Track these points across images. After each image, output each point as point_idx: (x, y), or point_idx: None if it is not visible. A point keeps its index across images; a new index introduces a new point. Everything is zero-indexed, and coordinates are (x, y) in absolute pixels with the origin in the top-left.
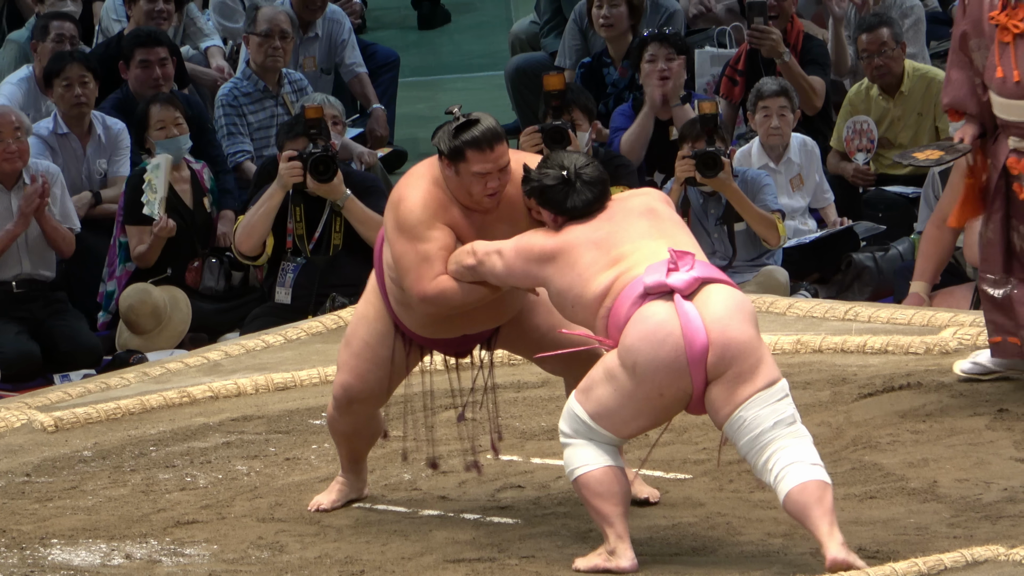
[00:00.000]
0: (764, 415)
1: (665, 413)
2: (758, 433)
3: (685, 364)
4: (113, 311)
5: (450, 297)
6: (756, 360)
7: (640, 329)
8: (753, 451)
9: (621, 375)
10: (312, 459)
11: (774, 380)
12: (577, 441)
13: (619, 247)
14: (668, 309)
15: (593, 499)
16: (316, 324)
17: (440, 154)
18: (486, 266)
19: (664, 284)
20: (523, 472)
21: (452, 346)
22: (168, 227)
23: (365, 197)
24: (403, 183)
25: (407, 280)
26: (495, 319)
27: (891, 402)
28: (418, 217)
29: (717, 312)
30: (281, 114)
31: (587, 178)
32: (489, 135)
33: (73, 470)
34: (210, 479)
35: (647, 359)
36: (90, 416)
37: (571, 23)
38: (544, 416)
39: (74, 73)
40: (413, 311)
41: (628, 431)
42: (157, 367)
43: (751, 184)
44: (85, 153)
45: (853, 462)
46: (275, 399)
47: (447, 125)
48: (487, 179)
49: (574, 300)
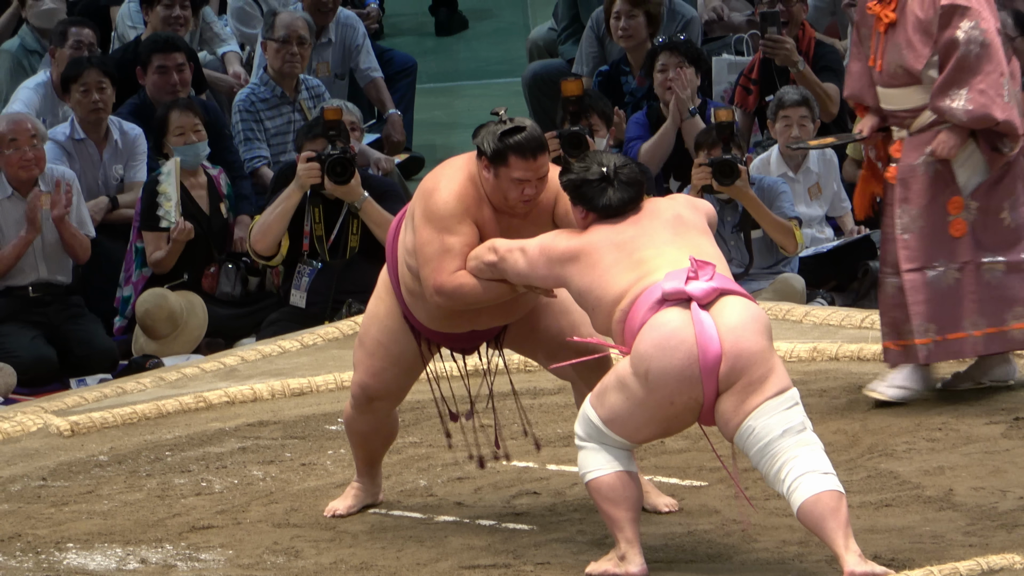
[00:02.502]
0: (773, 424)
1: (677, 422)
2: (767, 442)
3: (697, 373)
4: (129, 316)
5: (466, 293)
6: (767, 370)
7: (654, 336)
8: (764, 461)
9: (633, 382)
10: (328, 465)
11: (783, 388)
12: (590, 445)
13: (641, 251)
14: (683, 317)
15: (604, 504)
16: (332, 330)
17: (481, 154)
18: (508, 263)
19: (682, 291)
20: (539, 478)
21: (459, 341)
22: (186, 229)
23: (383, 201)
24: (439, 173)
25: (426, 269)
26: (504, 317)
27: (907, 410)
28: (451, 209)
29: (731, 322)
30: (298, 120)
31: (624, 178)
32: (534, 144)
33: (89, 474)
34: (226, 484)
35: (659, 366)
36: (106, 421)
37: (588, 30)
38: (560, 423)
39: (91, 78)
40: (425, 303)
41: (641, 437)
42: (173, 372)
43: (768, 191)
44: (102, 158)
45: (869, 470)
46: (291, 404)
47: (492, 126)
48: (525, 186)
49: (594, 302)
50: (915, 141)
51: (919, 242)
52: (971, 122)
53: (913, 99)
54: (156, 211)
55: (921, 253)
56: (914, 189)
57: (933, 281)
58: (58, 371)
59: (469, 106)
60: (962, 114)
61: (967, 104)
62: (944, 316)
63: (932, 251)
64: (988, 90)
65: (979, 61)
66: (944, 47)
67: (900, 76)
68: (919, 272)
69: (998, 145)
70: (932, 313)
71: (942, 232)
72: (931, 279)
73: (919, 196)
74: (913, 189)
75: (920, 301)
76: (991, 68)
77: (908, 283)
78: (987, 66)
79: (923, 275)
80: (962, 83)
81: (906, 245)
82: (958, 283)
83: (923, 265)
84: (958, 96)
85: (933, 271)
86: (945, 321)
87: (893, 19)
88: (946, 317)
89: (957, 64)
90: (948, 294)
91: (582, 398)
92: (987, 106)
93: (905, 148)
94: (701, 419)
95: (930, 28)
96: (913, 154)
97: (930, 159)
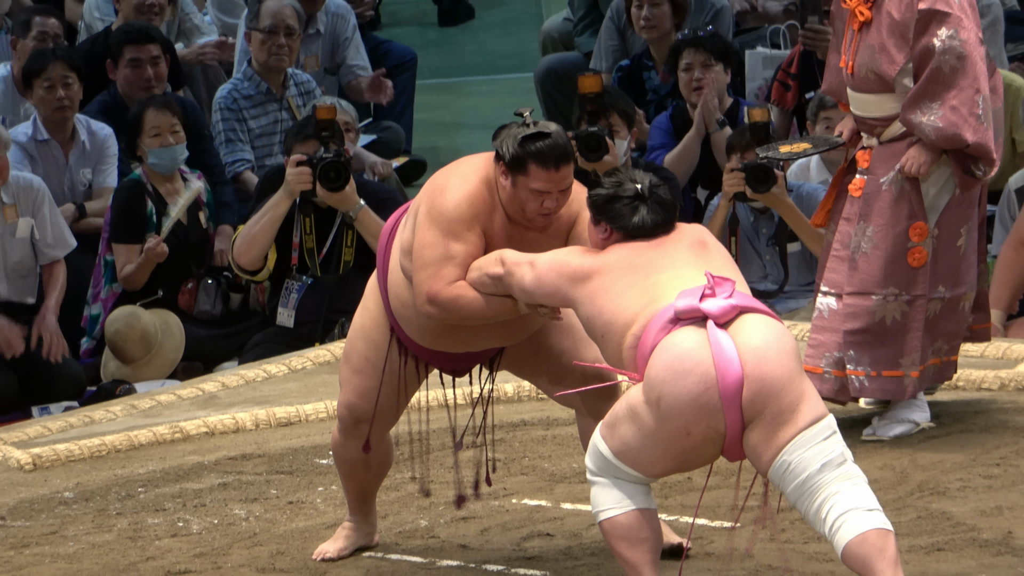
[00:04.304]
0: (810, 457)
1: (696, 455)
2: (805, 478)
3: (716, 400)
4: (98, 337)
5: (462, 306)
6: (796, 396)
7: (665, 359)
8: (803, 498)
9: (644, 411)
10: (318, 503)
11: (818, 417)
12: (602, 480)
13: (658, 273)
14: (698, 337)
15: (619, 545)
16: (324, 352)
17: (499, 158)
18: (514, 277)
19: (697, 309)
20: (552, 518)
21: (451, 362)
22: (159, 250)
23: (380, 209)
24: (452, 171)
25: (422, 274)
26: (506, 337)
27: (961, 443)
28: (461, 212)
29: (754, 342)
30: (286, 119)
31: (659, 199)
32: (558, 152)
33: (53, 513)
34: (204, 524)
35: (672, 392)
36: (72, 453)
37: (607, 21)
38: (576, 456)
39: (56, 73)
40: (415, 314)
41: (656, 471)
42: (146, 399)
43: (807, 200)
44: (68, 162)
45: (919, 510)
46: (277, 436)
47: (514, 128)
48: (544, 198)
49: (604, 328)
50: (884, 153)
51: (870, 266)
52: (939, 141)
53: (884, 107)
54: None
55: (870, 278)
56: (876, 207)
57: (876, 310)
58: (19, 398)
59: (475, 104)
60: (931, 131)
61: (937, 121)
62: (880, 351)
63: (883, 278)
64: (960, 107)
65: (954, 75)
66: (919, 55)
67: (872, 81)
68: (863, 297)
69: (971, 168)
70: (869, 344)
71: (899, 260)
72: (874, 307)
73: (880, 216)
74: (875, 207)
75: (858, 330)
76: (966, 83)
77: (847, 308)
78: (962, 80)
79: (868, 301)
80: (935, 96)
81: (854, 266)
82: (904, 317)
83: (870, 291)
84: (930, 110)
85: (880, 298)
86: (880, 356)
87: (868, 17)
88: (882, 352)
89: (931, 75)
90: (891, 328)
91: (586, 431)
92: (957, 125)
93: (874, 159)
94: (726, 453)
95: (906, 32)
96: (881, 167)
97: (897, 176)
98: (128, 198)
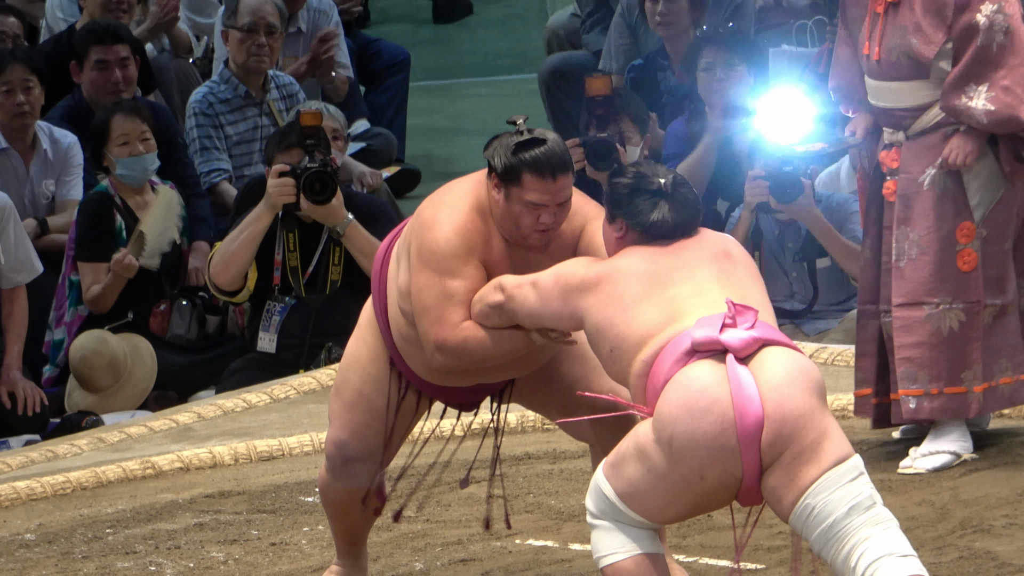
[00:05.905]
0: (836, 500)
1: (708, 500)
2: (831, 523)
3: (734, 442)
4: (62, 364)
5: (473, 348)
6: (819, 434)
7: (680, 395)
8: (829, 545)
9: (655, 451)
10: (303, 544)
11: (844, 456)
12: (604, 523)
13: (676, 287)
14: (717, 373)
15: None
16: (308, 380)
17: (491, 170)
18: (516, 301)
19: (716, 341)
20: (559, 560)
21: (459, 396)
22: (126, 263)
23: (371, 225)
24: (438, 201)
25: (424, 321)
26: (520, 368)
27: (1007, 476)
28: (453, 247)
29: (775, 379)
30: (266, 125)
31: (682, 197)
32: (555, 161)
33: (13, 556)
34: (179, 568)
35: (685, 432)
36: (33, 491)
37: (618, 18)
38: (585, 493)
39: (16, 76)
40: (422, 352)
41: (664, 517)
42: (115, 432)
43: (837, 211)
44: (28, 172)
45: (961, 549)
46: (258, 471)
47: (506, 137)
48: (540, 212)
49: (614, 341)
50: (917, 147)
51: (919, 273)
52: (992, 125)
53: (916, 95)
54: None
55: (920, 286)
56: (917, 209)
57: (929, 321)
58: None
59: (473, 109)
60: (982, 115)
61: (988, 103)
62: (940, 365)
63: (934, 285)
64: (1013, 87)
65: (1002, 52)
66: (960, 33)
67: (904, 67)
68: (915, 308)
69: (1022, 153)
70: (926, 360)
71: (950, 264)
72: (928, 318)
73: (923, 218)
74: (916, 209)
75: (911, 344)
76: (1016, 61)
77: (899, 321)
78: (1012, 59)
79: (920, 312)
80: (982, 78)
81: (900, 275)
82: (963, 327)
83: (921, 300)
84: (977, 93)
85: (933, 308)
86: (940, 371)
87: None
88: (942, 367)
89: (976, 55)
90: (949, 340)
91: None
92: (1012, 106)
93: (905, 156)
94: (741, 498)
95: (943, 9)
96: (916, 164)
97: (938, 171)
98: (95, 212)
